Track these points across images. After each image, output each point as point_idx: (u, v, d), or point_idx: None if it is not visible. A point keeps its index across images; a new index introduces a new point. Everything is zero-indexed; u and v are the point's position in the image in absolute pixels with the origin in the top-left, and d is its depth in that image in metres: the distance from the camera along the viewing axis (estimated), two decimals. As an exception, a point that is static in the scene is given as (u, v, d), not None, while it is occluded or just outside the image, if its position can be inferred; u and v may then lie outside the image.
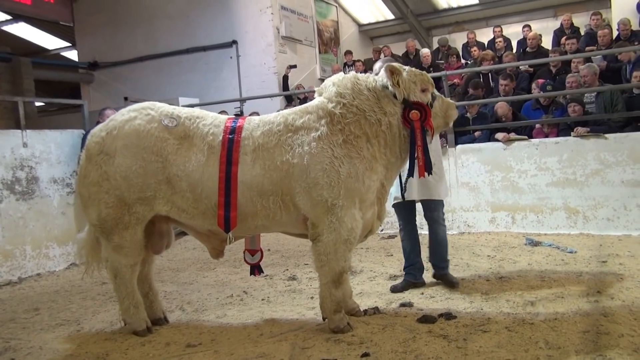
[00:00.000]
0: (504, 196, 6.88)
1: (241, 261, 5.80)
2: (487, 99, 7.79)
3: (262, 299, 4.74)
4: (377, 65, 4.23)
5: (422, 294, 4.49)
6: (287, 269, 5.80)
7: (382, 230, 7.60)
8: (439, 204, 4.76)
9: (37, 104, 14.63)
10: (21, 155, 6.54)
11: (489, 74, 9.10)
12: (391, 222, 7.55)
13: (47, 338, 4.14)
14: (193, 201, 3.68)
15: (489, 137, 7.25)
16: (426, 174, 3.75)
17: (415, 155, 3.71)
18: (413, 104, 3.71)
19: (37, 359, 3.71)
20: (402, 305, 4.20)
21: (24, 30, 14.29)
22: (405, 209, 4.79)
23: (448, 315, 3.85)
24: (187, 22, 11.69)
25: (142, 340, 3.89)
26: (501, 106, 7.18)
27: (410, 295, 4.45)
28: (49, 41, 15.20)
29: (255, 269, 4.16)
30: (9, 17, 13.50)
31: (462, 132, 7.34)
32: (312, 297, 4.63)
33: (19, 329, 4.43)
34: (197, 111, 3.90)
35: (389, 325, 3.77)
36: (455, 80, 9.62)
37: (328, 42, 13.07)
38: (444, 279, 4.74)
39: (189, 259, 6.87)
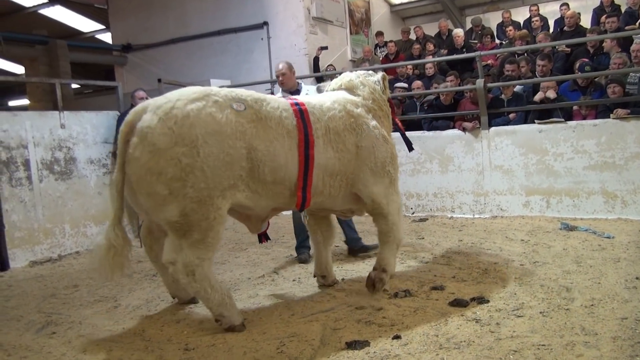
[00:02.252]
0: (539, 180, 6.74)
1: (272, 242, 5.89)
2: (523, 80, 7.59)
3: (293, 280, 4.78)
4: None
5: (454, 277, 4.46)
6: (318, 251, 5.83)
7: (413, 214, 7.57)
8: None
9: (73, 86, 14.93)
10: (59, 136, 6.70)
11: (525, 54, 8.86)
12: (422, 205, 7.52)
13: (86, 313, 4.29)
14: (272, 184, 3.67)
15: (525, 119, 7.09)
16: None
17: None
18: (389, 100, 4.57)
19: (77, 334, 3.83)
20: (434, 288, 4.18)
21: (59, 13, 14.52)
22: None
23: (480, 299, 3.82)
24: (218, 4, 11.70)
25: (177, 317, 3.99)
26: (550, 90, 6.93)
27: (441, 279, 4.43)
28: (83, 24, 15.44)
29: (262, 237, 4.35)
30: (45, 1, 13.75)
31: (496, 114, 7.20)
32: (342, 279, 4.65)
33: (59, 304, 4.60)
34: (253, 93, 3.85)
35: (420, 308, 3.77)
36: (489, 61, 9.40)
37: (359, 22, 12.91)
38: (363, 250, 5.47)
39: (222, 239, 6.95)
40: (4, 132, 6.13)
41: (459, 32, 10.35)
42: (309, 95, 5.07)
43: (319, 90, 4.80)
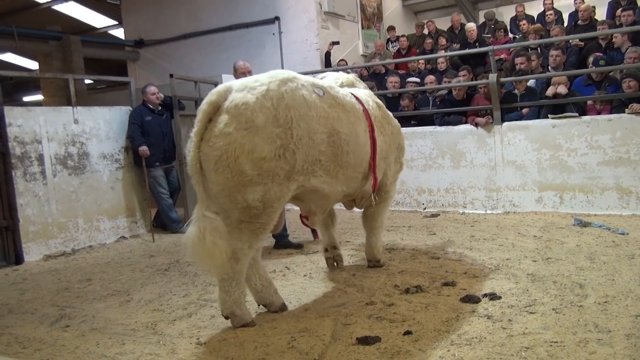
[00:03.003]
0: (552, 175, 6.68)
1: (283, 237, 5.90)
2: (537, 75, 7.52)
3: (304, 275, 4.79)
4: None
5: (465, 273, 4.44)
6: (329, 246, 5.83)
7: (424, 209, 7.54)
8: None
9: (86, 81, 15.03)
10: (72, 131, 6.76)
11: (537, 49, 8.76)
12: (434, 201, 7.49)
13: (99, 307, 4.33)
14: (352, 167, 3.84)
15: (538, 114, 7.02)
16: None
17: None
18: None
19: (90, 327, 3.87)
20: (445, 284, 4.17)
21: (73, 9, 14.59)
22: None
23: (492, 296, 3.80)
24: (230, -1, 11.72)
25: (188, 312, 4.02)
26: (561, 85, 6.86)
27: (453, 275, 4.41)
28: (96, 19, 15.49)
29: (315, 232, 4.90)
30: (59, -4, 13.85)
31: (509, 108, 7.14)
32: (353, 274, 4.65)
33: (73, 298, 4.65)
34: (320, 80, 4.15)
35: (432, 304, 3.76)
36: (502, 56, 9.31)
37: (371, 17, 12.83)
38: (288, 245, 5.78)
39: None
40: (19, 127, 6.19)
41: (471, 26, 10.26)
42: None
43: None
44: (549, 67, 7.63)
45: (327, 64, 10.41)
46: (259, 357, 3.12)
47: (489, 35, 10.48)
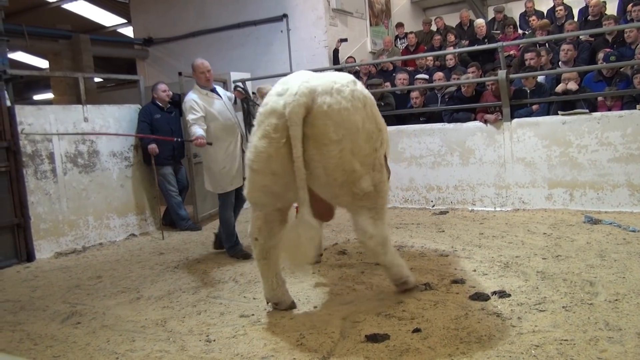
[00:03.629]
0: (562, 172, 6.64)
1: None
2: (547, 71, 7.46)
3: (313, 273, 4.79)
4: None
5: (474, 271, 4.43)
6: (337, 243, 5.83)
7: (433, 206, 7.52)
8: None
9: (96, 79, 15.11)
10: (82, 129, 6.80)
11: (546, 44, 8.70)
12: (442, 198, 7.47)
13: (109, 304, 4.36)
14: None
15: (547, 110, 6.98)
16: None
17: None
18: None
19: (101, 324, 3.91)
20: (454, 282, 4.16)
21: (82, 8, 14.66)
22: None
23: (502, 293, 3.79)
24: (238, -4, 11.73)
25: (197, 309, 4.04)
26: (571, 81, 6.80)
27: (462, 273, 4.40)
28: (106, 18, 15.56)
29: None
30: (68, -5, 13.93)
31: (519, 105, 7.09)
32: (362, 272, 4.65)
33: (83, 295, 4.69)
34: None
35: (441, 301, 3.75)
36: (512, 52, 9.25)
37: (379, 14, 12.79)
38: (238, 254, 5.68)
39: (242, 232, 6.98)
40: (29, 125, 6.24)
41: (480, 23, 10.19)
42: (223, 98, 5.64)
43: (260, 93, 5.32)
44: (560, 62, 7.57)
45: (335, 61, 10.40)
46: (268, 354, 3.14)
47: (498, 32, 10.42)
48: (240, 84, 6.49)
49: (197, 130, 5.22)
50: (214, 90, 5.60)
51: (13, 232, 6.03)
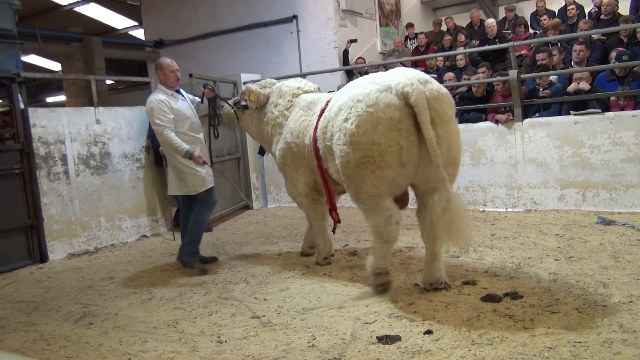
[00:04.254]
0: (574, 172, 6.58)
1: (302, 235, 5.90)
2: (558, 71, 7.40)
3: (324, 274, 4.79)
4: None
5: (486, 272, 4.40)
6: (348, 244, 5.83)
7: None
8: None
9: (108, 81, 15.23)
10: (94, 131, 6.85)
11: (558, 44, 8.63)
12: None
13: (121, 305, 4.39)
14: None
15: (559, 110, 6.92)
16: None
17: None
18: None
19: (113, 325, 3.93)
20: (465, 283, 4.14)
21: (94, 11, 14.77)
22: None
23: (514, 295, 3.76)
24: (248, -2, 11.77)
25: (209, 310, 4.06)
26: (583, 81, 6.74)
27: (473, 274, 4.38)
28: (117, 21, 15.68)
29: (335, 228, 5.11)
30: (80, -1, 14.06)
31: (531, 105, 7.04)
32: (373, 273, 4.64)
33: (96, 296, 4.73)
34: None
35: (452, 303, 3.73)
36: (523, 52, 9.19)
37: (389, 14, 12.77)
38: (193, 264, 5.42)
39: (252, 233, 7.03)
40: (42, 128, 6.31)
41: (491, 22, 10.14)
42: (187, 98, 5.49)
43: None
44: (572, 62, 7.51)
45: (345, 62, 10.39)
46: (279, 355, 3.14)
47: (509, 31, 10.36)
48: (210, 83, 6.40)
49: (184, 144, 5.03)
50: (178, 91, 5.38)
51: (26, 233, 6.10)
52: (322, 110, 4.32)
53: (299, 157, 4.78)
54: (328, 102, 4.33)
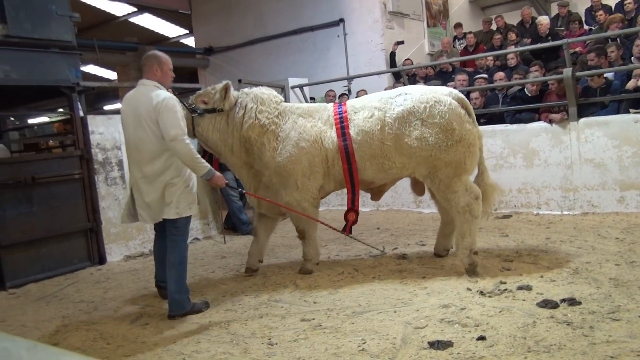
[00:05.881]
0: (635, 173, 6.29)
1: (351, 241, 5.87)
2: (616, 67, 7.10)
3: (373, 277, 4.77)
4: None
5: (542, 277, 4.26)
6: (397, 248, 5.78)
7: (495, 210, 7.30)
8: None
9: (160, 89, 15.68)
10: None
11: (617, 39, 8.27)
12: (506, 201, 7.24)
13: (175, 306, 4.49)
14: None
15: (618, 109, 6.64)
16: None
17: None
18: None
19: (168, 325, 4.04)
20: (520, 288, 4.02)
21: (148, 21, 15.30)
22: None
23: (572, 301, 3.62)
24: (295, 3, 11.86)
25: (259, 312, 4.10)
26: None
27: (528, 278, 4.25)
28: (169, 29, 16.16)
29: (350, 228, 5.15)
30: (135, 10, 14.55)
31: (587, 104, 6.79)
32: (423, 277, 4.58)
33: (151, 297, 4.87)
34: None
35: (506, 308, 3.64)
36: (577, 49, 8.87)
37: (437, 15, 12.61)
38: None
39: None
40: (100, 134, 6.56)
41: (543, 20, 9.85)
42: None
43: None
44: (631, 58, 7.19)
45: (392, 64, 10.34)
46: (330, 358, 3.15)
47: (562, 28, 10.02)
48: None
49: (205, 161, 4.12)
50: None
51: (86, 236, 6.35)
52: (341, 119, 4.77)
53: (319, 160, 4.82)
54: (337, 110, 4.91)
